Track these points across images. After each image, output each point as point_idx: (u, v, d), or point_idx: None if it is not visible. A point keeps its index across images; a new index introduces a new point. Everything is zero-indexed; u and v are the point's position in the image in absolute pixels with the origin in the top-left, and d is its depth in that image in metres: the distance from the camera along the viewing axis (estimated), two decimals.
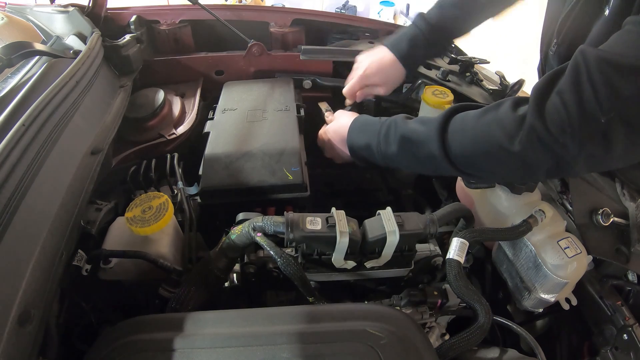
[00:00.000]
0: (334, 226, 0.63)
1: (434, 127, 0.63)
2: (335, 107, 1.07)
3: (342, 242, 0.62)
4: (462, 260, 0.64)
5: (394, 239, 0.64)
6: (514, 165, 0.57)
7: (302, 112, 1.04)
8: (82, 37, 1.03)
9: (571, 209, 0.77)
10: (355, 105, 1.07)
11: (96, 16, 1.13)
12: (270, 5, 4.01)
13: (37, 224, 0.55)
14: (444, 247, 0.78)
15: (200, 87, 1.19)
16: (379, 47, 0.97)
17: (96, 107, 0.85)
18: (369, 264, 0.69)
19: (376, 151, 0.72)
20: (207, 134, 0.95)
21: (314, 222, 0.64)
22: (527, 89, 0.67)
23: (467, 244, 0.65)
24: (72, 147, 0.70)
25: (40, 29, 1.10)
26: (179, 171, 0.90)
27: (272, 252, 0.61)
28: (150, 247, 0.70)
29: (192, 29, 1.27)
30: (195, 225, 0.82)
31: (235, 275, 0.73)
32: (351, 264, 0.68)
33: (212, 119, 1.02)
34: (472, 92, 1.07)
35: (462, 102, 0.66)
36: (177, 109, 1.08)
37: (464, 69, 1.14)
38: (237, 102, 1.06)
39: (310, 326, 0.51)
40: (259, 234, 0.63)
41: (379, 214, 0.68)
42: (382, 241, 0.65)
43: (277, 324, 0.51)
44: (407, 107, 1.18)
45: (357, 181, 1.26)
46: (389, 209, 0.68)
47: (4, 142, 0.56)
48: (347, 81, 1.00)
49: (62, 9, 1.09)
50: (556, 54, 0.76)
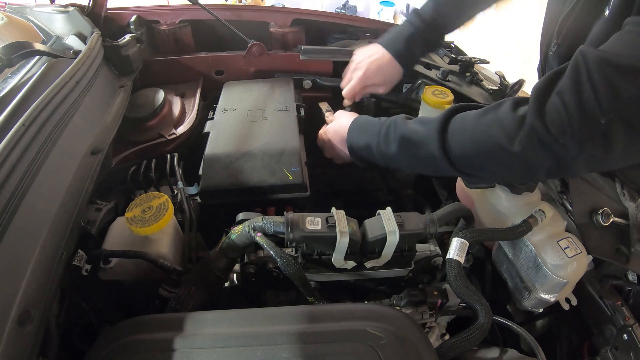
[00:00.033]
0: (334, 226, 0.63)
1: (434, 128, 0.63)
2: (335, 107, 1.07)
3: (342, 242, 0.63)
4: (462, 260, 0.64)
5: (394, 239, 0.64)
6: (514, 165, 0.57)
7: (302, 112, 1.04)
8: (82, 37, 1.03)
9: (571, 209, 0.77)
10: (354, 105, 1.07)
11: (96, 16, 1.13)
12: (270, 5, 4.01)
13: (37, 223, 0.55)
14: (444, 247, 0.78)
15: (200, 87, 1.19)
16: (374, 46, 0.96)
17: (96, 107, 0.85)
18: (369, 264, 0.69)
19: (376, 151, 0.72)
20: (207, 134, 0.95)
21: (314, 222, 0.64)
22: (527, 89, 0.67)
23: (467, 244, 0.65)
24: (72, 147, 0.70)
25: (40, 29, 1.10)
26: (179, 171, 0.90)
27: (272, 252, 0.61)
28: (150, 247, 0.70)
29: (192, 29, 1.27)
30: (195, 225, 0.82)
31: (235, 275, 0.73)
32: (351, 264, 0.68)
33: (212, 119, 1.02)
34: (472, 92, 1.07)
35: (462, 102, 0.66)
36: (177, 109, 1.08)
37: (464, 69, 1.14)
38: (237, 102, 1.06)
39: (310, 326, 0.51)
40: (259, 234, 0.63)
41: (379, 214, 0.68)
42: (382, 241, 0.65)
43: (277, 324, 0.51)
44: (407, 107, 1.18)
45: (357, 181, 1.26)
46: (389, 209, 0.68)
47: (4, 142, 0.56)
48: (344, 81, 1.00)
49: (62, 9, 1.09)
50: (556, 54, 0.76)
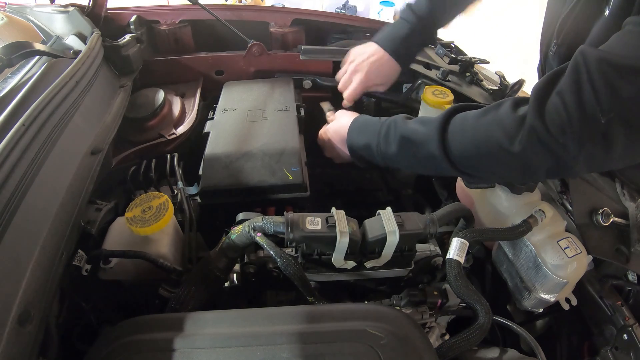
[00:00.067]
0: (334, 226, 0.63)
1: (434, 127, 0.63)
2: (336, 107, 1.07)
3: (342, 242, 0.62)
4: (462, 260, 0.64)
5: (394, 239, 0.64)
6: (514, 165, 0.57)
7: (302, 112, 1.04)
8: (82, 37, 1.03)
9: (571, 209, 0.77)
10: (354, 104, 1.06)
11: (96, 16, 1.13)
12: (270, 5, 4.02)
13: (37, 223, 0.55)
14: (444, 247, 0.78)
15: (200, 87, 1.19)
16: (370, 45, 0.95)
17: (96, 107, 0.85)
18: (369, 264, 0.69)
19: (376, 151, 0.72)
20: (207, 134, 0.95)
21: (314, 222, 0.64)
22: (527, 89, 0.67)
23: (467, 244, 0.65)
24: (72, 147, 0.70)
25: (40, 29, 1.10)
26: (179, 171, 0.90)
27: (272, 252, 0.61)
28: (150, 247, 0.70)
29: (192, 29, 1.27)
30: (195, 225, 0.82)
31: (235, 275, 0.73)
32: (351, 264, 0.68)
33: (212, 119, 1.02)
34: (472, 92, 1.07)
35: (462, 102, 0.66)
36: (177, 109, 1.08)
37: (464, 69, 1.14)
38: (237, 102, 1.06)
39: (310, 326, 0.51)
40: (259, 234, 0.63)
41: (379, 214, 0.68)
42: (382, 241, 0.65)
43: (277, 324, 0.51)
44: (407, 107, 1.18)
45: (357, 181, 1.26)
46: (389, 209, 0.68)
47: (4, 142, 0.56)
48: (343, 83, 0.99)
49: (62, 9, 1.09)
50: (556, 55, 0.76)
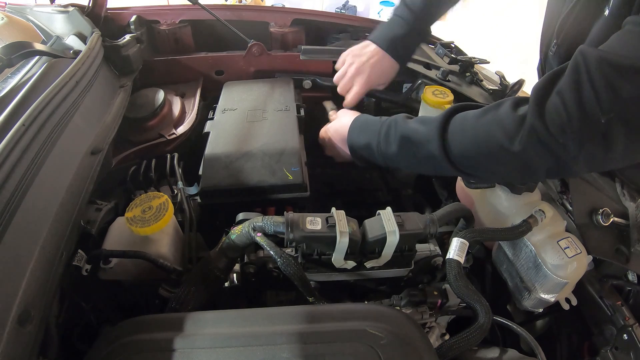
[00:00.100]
0: (334, 226, 0.63)
1: (434, 127, 0.63)
2: (339, 106, 1.07)
3: (342, 242, 0.62)
4: (462, 260, 0.64)
5: (394, 239, 0.64)
6: (514, 165, 0.57)
7: (302, 112, 1.04)
8: (82, 37, 1.03)
9: (571, 209, 0.77)
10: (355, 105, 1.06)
11: (96, 16, 1.13)
12: (270, 5, 4.02)
13: (37, 223, 0.55)
14: (444, 247, 0.78)
15: (200, 87, 1.19)
16: (367, 45, 0.94)
17: (96, 107, 0.85)
18: (369, 264, 0.69)
19: (376, 151, 0.72)
20: (207, 134, 0.95)
21: (314, 222, 0.64)
22: (527, 89, 0.67)
23: (467, 244, 0.65)
24: (72, 147, 0.70)
25: (40, 29, 1.10)
26: (179, 171, 0.90)
27: (272, 252, 0.61)
28: (150, 247, 0.70)
29: (192, 29, 1.27)
30: (195, 225, 0.82)
31: (235, 275, 0.73)
32: (351, 264, 0.68)
33: (212, 119, 1.02)
34: (472, 92, 1.07)
35: (462, 102, 0.66)
36: (177, 109, 1.08)
37: (464, 69, 1.14)
38: (237, 102, 1.06)
39: (310, 326, 0.51)
40: (259, 234, 0.63)
41: (379, 214, 0.68)
42: (382, 241, 0.65)
43: (277, 324, 0.51)
44: (407, 107, 1.18)
45: (357, 181, 1.26)
46: (389, 209, 0.68)
47: (4, 142, 0.56)
48: (343, 87, 0.98)
49: (62, 9, 1.09)
50: (556, 54, 0.76)
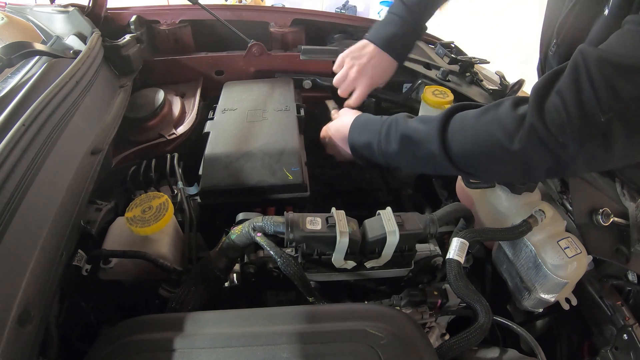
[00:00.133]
0: (334, 226, 0.63)
1: (435, 126, 0.63)
2: (340, 105, 1.07)
3: (342, 242, 0.62)
4: (462, 260, 0.64)
5: (394, 239, 0.64)
6: (514, 164, 0.57)
7: (302, 112, 1.04)
8: (82, 37, 1.03)
9: (571, 209, 0.77)
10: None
11: (96, 16, 1.13)
12: (270, 5, 4.02)
13: (37, 223, 0.55)
14: (444, 247, 0.78)
15: (200, 87, 1.19)
16: (366, 45, 0.94)
17: (96, 107, 0.85)
18: (369, 264, 0.69)
19: (377, 150, 0.72)
20: (207, 134, 0.95)
21: (314, 222, 0.64)
22: (527, 89, 0.67)
23: (467, 244, 0.65)
24: (72, 147, 0.70)
25: (40, 29, 1.10)
26: (179, 171, 0.90)
27: (272, 252, 0.61)
28: (150, 247, 0.70)
29: (192, 29, 1.27)
30: (195, 225, 0.82)
31: (235, 275, 0.73)
32: (351, 264, 0.68)
33: (212, 119, 1.02)
34: (472, 92, 1.07)
35: (462, 102, 0.66)
36: (177, 109, 1.08)
37: (464, 69, 1.14)
38: (237, 102, 1.06)
39: (310, 326, 0.51)
40: (259, 234, 0.63)
41: (379, 214, 0.68)
42: (382, 241, 0.65)
43: (277, 324, 0.51)
44: (407, 107, 1.18)
45: (357, 181, 1.26)
46: (389, 209, 0.68)
47: (4, 142, 0.56)
48: (344, 89, 0.97)
49: (62, 9, 1.09)
50: (556, 54, 0.76)
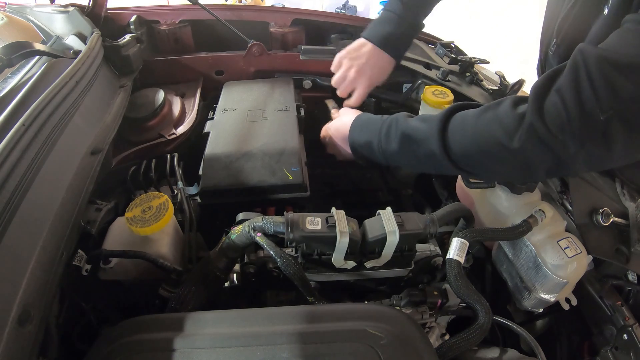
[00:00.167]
0: (334, 226, 0.63)
1: (435, 125, 0.63)
2: (340, 104, 1.06)
3: (342, 242, 0.62)
4: (462, 260, 0.64)
5: (394, 239, 0.64)
6: (514, 163, 0.57)
7: (302, 112, 1.04)
8: (82, 37, 1.04)
9: (571, 209, 0.77)
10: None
11: (96, 16, 1.13)
12: (270, 5, 4.02)
13: (37, 224, 0.55)
14: (444, 247, 0.78)
15: (200, 87, 1.19)
16: (363, 45, 0.93)
17: (96, 107, 0.85)
18: (369, 264, 0.69)
19: (377, 149, 0.72)
20: (207, 134, 0.95)
21: (314, 222, 0.64)
22: (527, 89, 0.67)
23: (467, 244, 0.65)
24: (72, 147, 0.70)
25: (40, 29, 1.10)
26: (179, 171, 0.90)
27: (272, 252, 0.61)
28: (150, 247, 0.70)
29: (192, 29, 1.27)
30: (195, 225, 0.82)
31: (235, 275, 0.73)
32: (351, 264, 0.68)
33: (212, 119, 1.02)
34: (472, 92, 1.07)
35: (462, 102, 0.66)
36: (177, 109, 1.08)
37: (464, 69, 1.14)
38: (237, 102, 1.06)
39: (310, 326, 0.51)
40: (259, 234, 0.63)
41: (379, 214, 0.68)
42: (382, 241, 0.65)
43: (277, 324, 0.51)
44: (407, 107, 1.18)
45: (357, 181, 1.26)
46: (389, 209, 0.68)
47: (4, 142, 0.56)
48: (343, 90, 0.97)
49: (62, 9, 1.09)
50: (556, 54, 0.76)
